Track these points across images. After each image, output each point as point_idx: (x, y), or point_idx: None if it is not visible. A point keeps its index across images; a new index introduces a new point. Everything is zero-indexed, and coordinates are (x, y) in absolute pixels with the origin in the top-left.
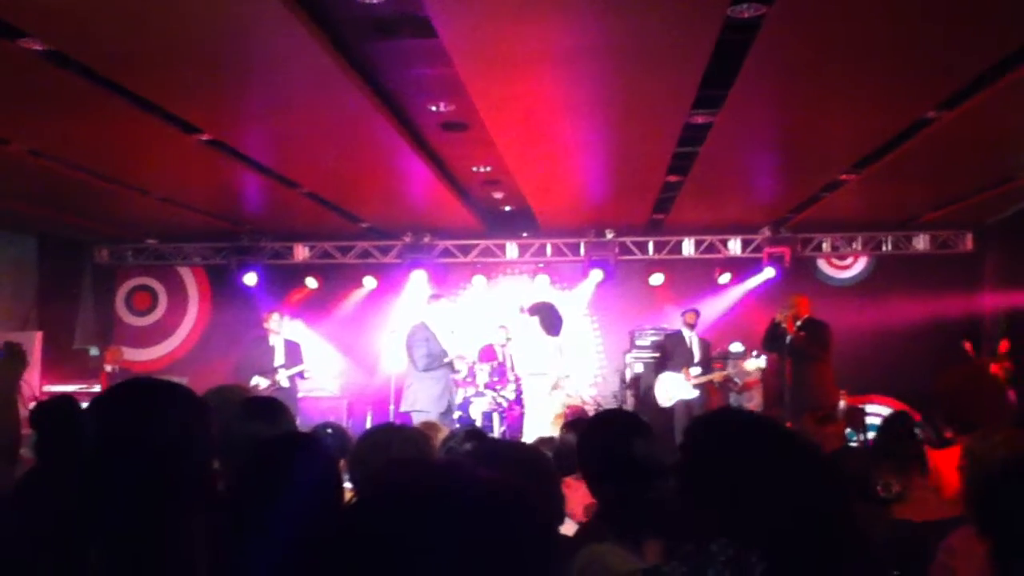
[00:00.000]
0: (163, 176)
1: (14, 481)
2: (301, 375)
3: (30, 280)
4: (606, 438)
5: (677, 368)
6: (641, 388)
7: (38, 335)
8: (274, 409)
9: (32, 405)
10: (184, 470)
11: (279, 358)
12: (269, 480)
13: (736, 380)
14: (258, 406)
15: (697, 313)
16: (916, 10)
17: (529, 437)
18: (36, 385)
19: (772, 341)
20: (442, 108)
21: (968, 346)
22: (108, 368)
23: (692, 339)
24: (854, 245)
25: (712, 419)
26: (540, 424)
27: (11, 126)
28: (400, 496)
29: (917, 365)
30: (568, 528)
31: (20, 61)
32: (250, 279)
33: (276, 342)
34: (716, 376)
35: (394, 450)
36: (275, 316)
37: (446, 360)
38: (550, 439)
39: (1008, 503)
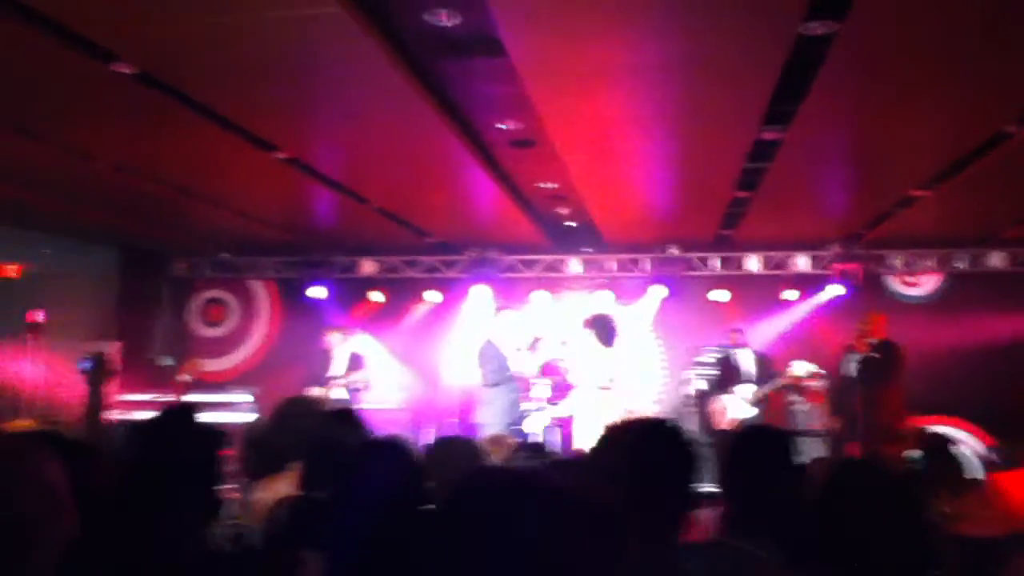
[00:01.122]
0: (240, 191)
1: None
2: (355, 387)
3: (110, 291)
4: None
5: (730, 387)
6: (706, 406)
7: (118, 345)
8: (354, 418)
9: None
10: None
11: (338, 368)
12: (359, 480)
13: (791, 388)
14: (341, 415)
15: (740, 331)
16: (992, 23)
17: (578, 446)
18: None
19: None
20: (510, 126)
21: None
22: (184, 378)
23: (741, 356)
24: (927, 262)
25: None
26: (589, 435)
27: (97, 143)
28: (486, 493)
29: (991, 386)
30: None
31: (110, 83)
32: (319, 292)
33: (339, 353)
34: (768, 389)
35: (452, 463)
36: (333, 334)
37: (510, 374)
38: None
39: None
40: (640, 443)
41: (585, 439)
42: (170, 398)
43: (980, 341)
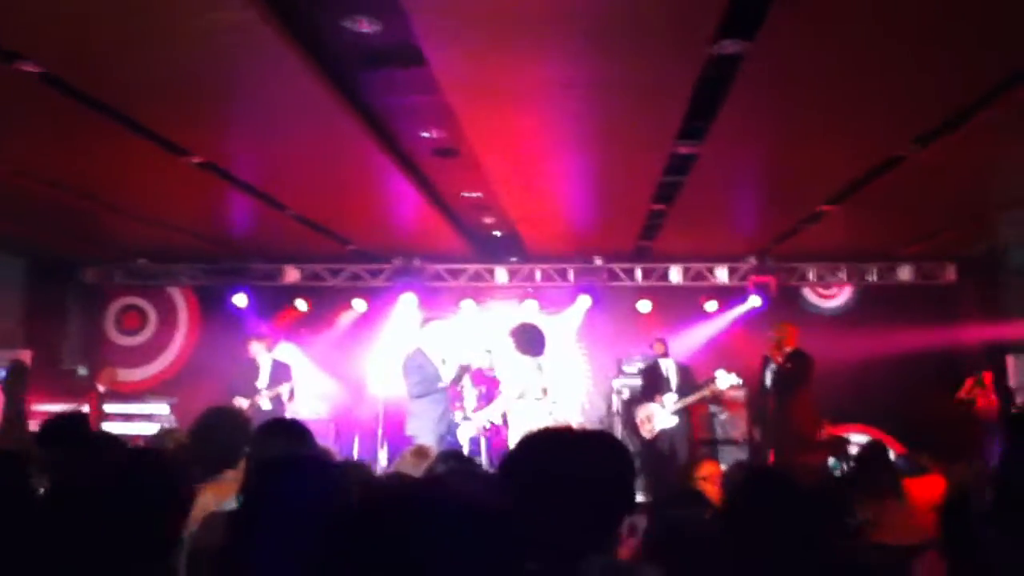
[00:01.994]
0: (153, 198)
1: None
2: (280, 398)
3: (17, 299)
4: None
5: (651, 398)
6: (631, 415)
7: (27, 353)
8: (297, 431)
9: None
10: None
11: (263, 379)
12: (280, 496)
13: (712, 395)
14: (281, 426)
15: (664, 341)
16: (891, 50)
17: None
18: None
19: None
20: (433, 134)
21: (969, 382)
22: (99, 388)
23: (668, 367)
24: (839, 275)
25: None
26: None
27: (1, 147)
28: (394, 506)
29: (900, 395)
30: None
31: (13, 83)
32: (240, 300)
33: (263, 363)
34: (692, 398)
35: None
36: (254, 344)
37: (440, 385)
38: None
39: (959, 529)
40: (578, 453)
41: None
42: (84, 409)
43: (890, 351)
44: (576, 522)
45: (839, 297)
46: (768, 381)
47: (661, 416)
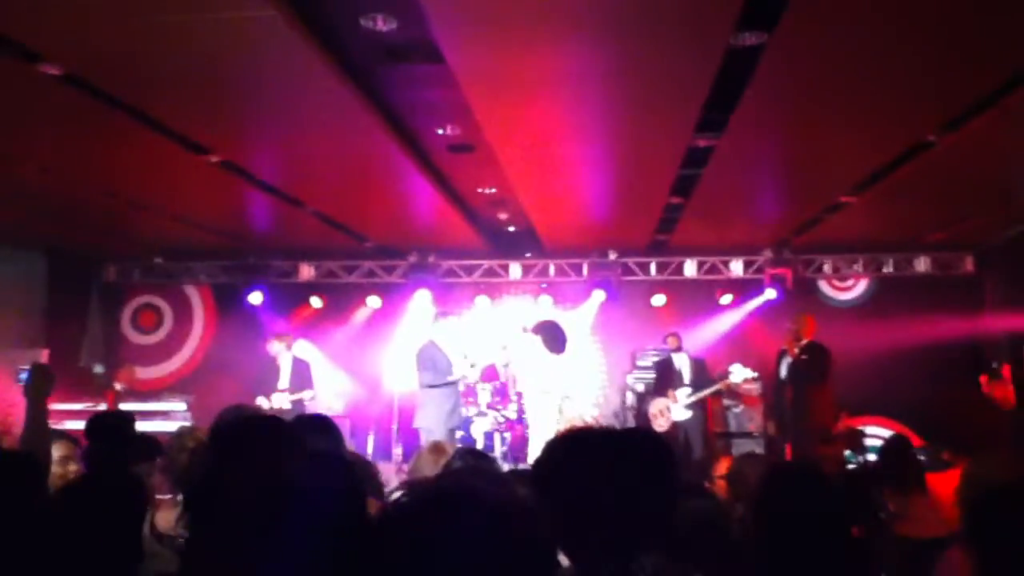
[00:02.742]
0: (172, 196)
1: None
2: (301, 402)
3: (38, 297)
4: None
5: (663, 392)
6: (646, 409)
7: (45, 352)
8: (330, 428)
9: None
10: None
11: (284, 379)
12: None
13: (729, 389)
14: (312, 422)
15: (678, 336)
16: (914, 36)
17: (533, 456)
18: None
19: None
20: (449, 131)
21: (983, 379)
22: (117, 387)
23: (682, 361)
24: (855, 267)
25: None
26: (543, 440)
27: (24, 145)
28: (419, 507)
29: (917, 387)
30: None
31: (37, 84)
32: (255, 298)
33: (284, 363)
34: (706, 392)
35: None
36: (274, 343)
37: (450, 378)
38: None
39: (995, 524)
40: (625, 451)
41: (541, 445)
42: (101, 407)
43: (908, 343)
44: (624, 521)
45: (855, 289)
46: (783, 374)
47: (675, 410)
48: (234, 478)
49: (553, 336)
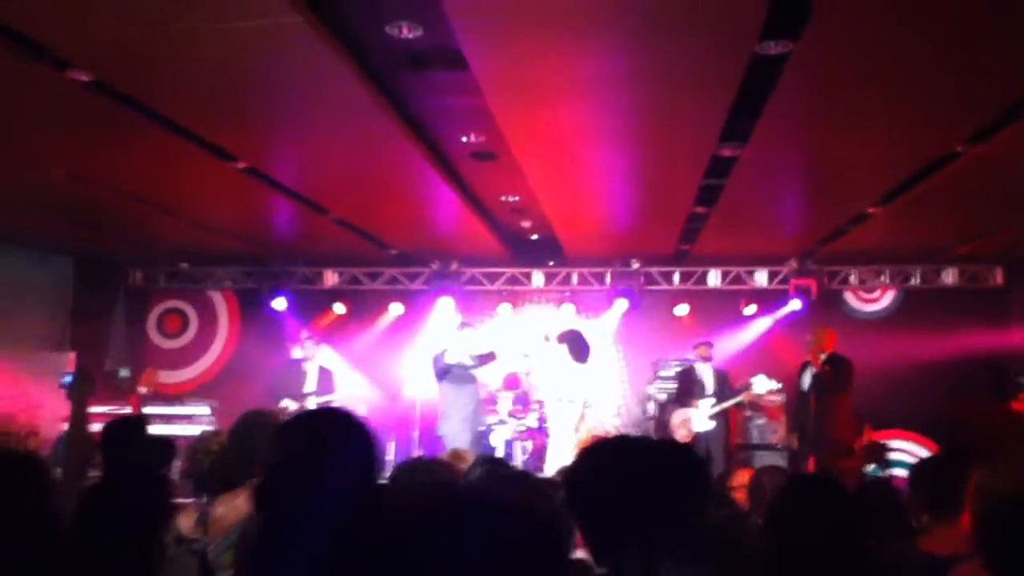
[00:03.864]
0: (198, 202)
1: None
2: (329, 404)
3: (64, 301)
4: None
5: (690, 401)
6: (668, 419)
7: (71, 356)
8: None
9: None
10: None
11: (311, 384)
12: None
13: (751, 399)
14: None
15: (710, 345)
16: (940, 47)
17: (551, 465)
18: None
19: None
20: (472, 138)
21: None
22: (141, 390)
23: (706, 372)
24: (882, 278)
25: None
26: (564, 452)
27: (53, 151)
28: (427, 518)
29: (944, 401)
30: None
31: (65, 90)
32: (279, 304)
33: (310, 368)
34: (729, 403)
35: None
36: (310, 343)
37: (464, 384)
38: None
39: (1010, 536)
40: (654, 461)
41: (560, 453)
42: (126, 411)
43: (935, 357)
44: (652, 529)
45: (881, 301)
46: (806, 386)
47: (697, 420)
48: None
49: (578, 345)
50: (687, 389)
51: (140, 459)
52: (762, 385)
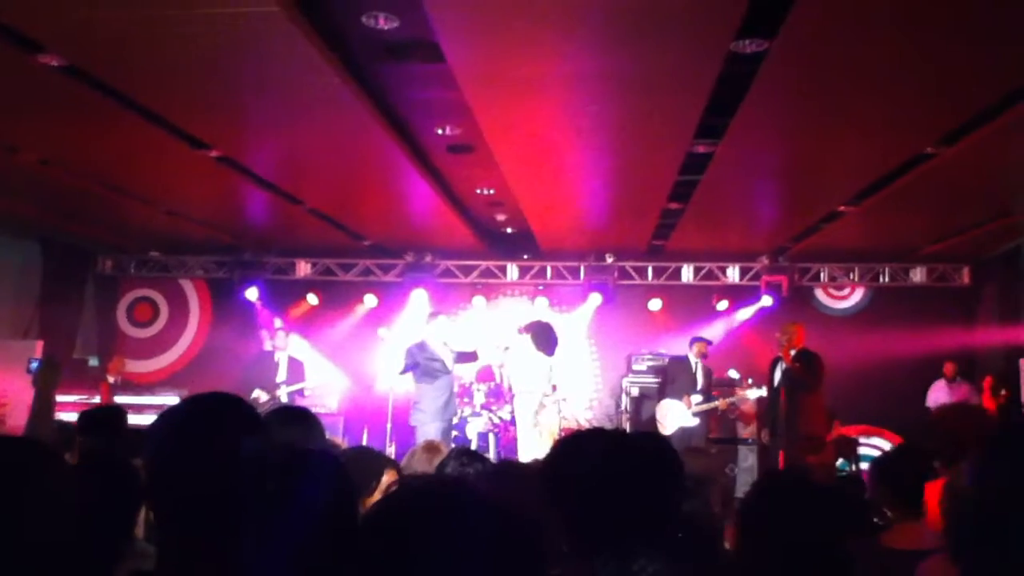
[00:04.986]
0: (170, 189)
1: None
2: (301, 393)
3: (32, 287)
4: None
5: (678, 395)
6: (640, 413)
7: (39, 343)
8: (308, 419)
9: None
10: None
11: (282, 374)
12: (279, 490)
13: (738, 405)
14: (293, 415)
15: (709, 344)
16: (914, 49)
17: (522, 456)
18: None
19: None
20: (448, 131)
21: (987, 381)
22: (110, 379)
23: (698, 367)
24: (852, 276)
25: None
26: (530, 442)
27: (23, 135)
28: (406, 511)
29: (911, 397)
30: None
31: (37, 75)
32: (251, 293)
33: (281, 358)
34: (721, 404)
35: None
36: (281, 333)
37: (438, 375)
38: None
39: (978, 532)
40: (630, 454)
41: (528, 445)
42: (95, 400)
43: (903, 353)
44: (629, 522)
45: (851, 298)
46: (776, 382)
47: (681, 414)
48: (190, 467)
49: (543, 336)
50: (673, 380)
51: (117, 449)
52: (754, 393)
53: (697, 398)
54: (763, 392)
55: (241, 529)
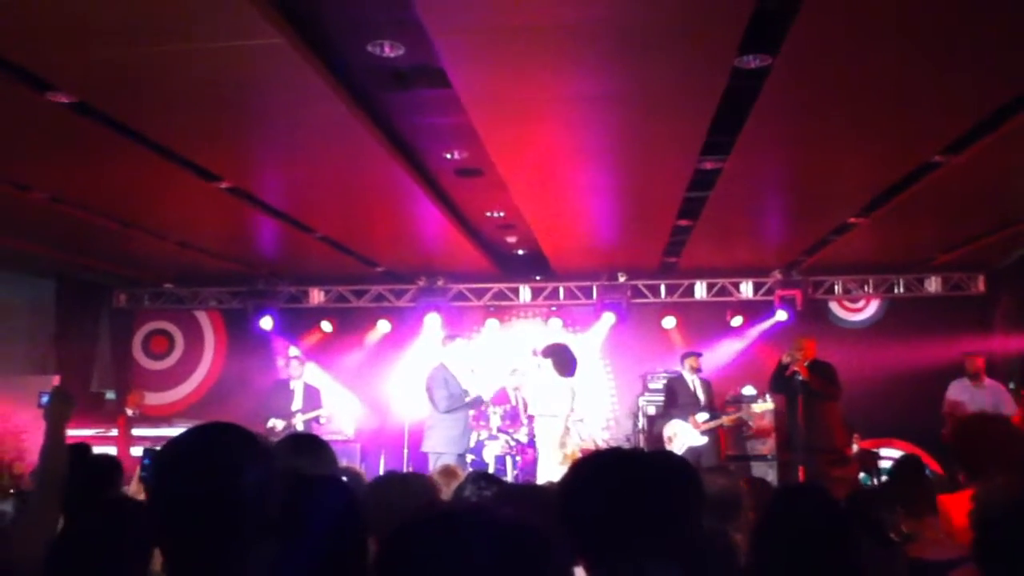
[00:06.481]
0: (181, 221)
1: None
2: (317, 420)
3: (47, 323)
4: None
5: (683, 414)
6: (654, 432)
7: (55, 379)
8: (318, 446)
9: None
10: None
11: (297, 402)
12: (292, 519)
13: (750, 423)
14: (304, 442)
15: (699, 356)
16: (917, 59)
17: (542, 479)
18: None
19: (779, 382)
20: (456, 155)
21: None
22: (128, 412)
23: (695, 383)
24: (866, 288)
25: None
26: (552, 466)
27: (34, 173)
28: (423, 541)
29: (930, 408)
30: None
31: (46, 112)
32: (266, 323)
33: (296, 386)
34: (726, 420)
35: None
36: (296, 362)
37: (467, 399)
38: None
39: (1007, 545)
40: (649, 474)
41: (552, 469)
42: (113, 433)
43: (921, 364)
44: (646, 541)
45: (866, 310)
46: (794, 393)
47: (689, 433)
48: (190, 494)
49: (562, 359)
50: (674, 400)
51: (86, 482)
52: (760, 406)
53: (703, 416)
54: (769, 405)
55: (247, 556)
